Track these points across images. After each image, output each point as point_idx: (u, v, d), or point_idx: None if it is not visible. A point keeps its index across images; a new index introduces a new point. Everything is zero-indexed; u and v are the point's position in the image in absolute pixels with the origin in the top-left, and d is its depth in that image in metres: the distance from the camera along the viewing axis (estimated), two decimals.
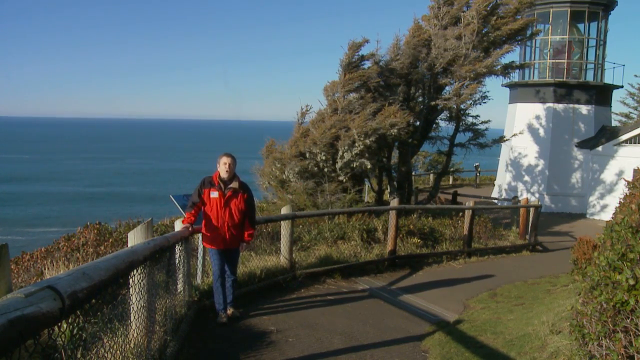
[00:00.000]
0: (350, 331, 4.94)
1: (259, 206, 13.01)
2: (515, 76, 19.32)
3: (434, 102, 13.18)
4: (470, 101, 13.46)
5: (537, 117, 19.86)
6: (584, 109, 19.41)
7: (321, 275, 6.94)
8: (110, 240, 7.10)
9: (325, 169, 11.64)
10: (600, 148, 18.41)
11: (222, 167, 4.76)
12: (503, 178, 21.27)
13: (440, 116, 14.19)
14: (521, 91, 20.42)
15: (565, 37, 19.53)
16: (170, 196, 5.79)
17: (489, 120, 14.63)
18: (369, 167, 11.62)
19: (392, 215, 8.28)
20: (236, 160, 4.85)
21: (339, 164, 11.59)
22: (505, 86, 21.04)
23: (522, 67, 17.76)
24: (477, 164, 26.51)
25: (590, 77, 19.94)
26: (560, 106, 19.53)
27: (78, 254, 6.37)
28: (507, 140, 16.56)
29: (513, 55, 19.54)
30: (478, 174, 27.45)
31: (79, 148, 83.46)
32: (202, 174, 4.95)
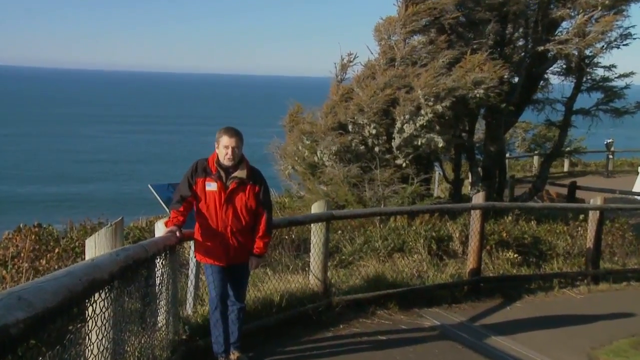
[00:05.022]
0: None
1: (278, 202, 13.09)
2: None
3: (542, 47, 12.89)
4: (603, 44, 13.01)
5: None
6: None
7: (369, 303, 6.99)
8: (57, 250, 7.16)
9: (376, 148, 11.63)
10: None
11: (222, 151, 4.72)
12: None
13: (551, 68, 13.96)
14: None
15: None
16: (149, 186, 5.85)
17: (633, 73, 14.22)
18: (440, 145, 11.51)
19: (476, 217, 8.22)
20: (243, 138, 4.83)
21: (396, 141, 11.55)
22: None
23: None
24: (609, 140, 25.93)
25: None
26: None
27: (5, 272, 6.46)
28: None
29: None
30: (611, 157, 26.82)
31: (27, 116, 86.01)
32: (196, 157, 4.97)
